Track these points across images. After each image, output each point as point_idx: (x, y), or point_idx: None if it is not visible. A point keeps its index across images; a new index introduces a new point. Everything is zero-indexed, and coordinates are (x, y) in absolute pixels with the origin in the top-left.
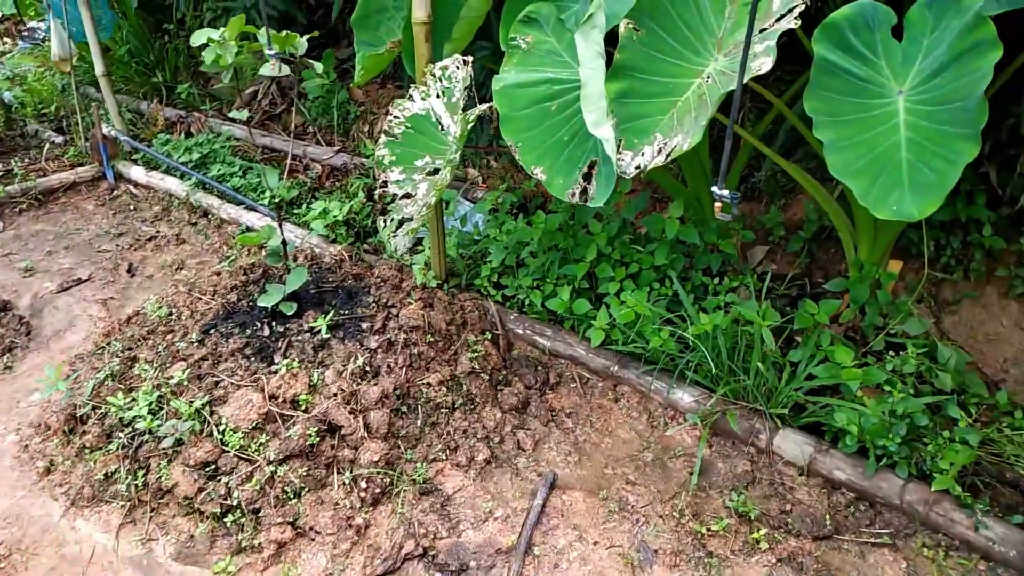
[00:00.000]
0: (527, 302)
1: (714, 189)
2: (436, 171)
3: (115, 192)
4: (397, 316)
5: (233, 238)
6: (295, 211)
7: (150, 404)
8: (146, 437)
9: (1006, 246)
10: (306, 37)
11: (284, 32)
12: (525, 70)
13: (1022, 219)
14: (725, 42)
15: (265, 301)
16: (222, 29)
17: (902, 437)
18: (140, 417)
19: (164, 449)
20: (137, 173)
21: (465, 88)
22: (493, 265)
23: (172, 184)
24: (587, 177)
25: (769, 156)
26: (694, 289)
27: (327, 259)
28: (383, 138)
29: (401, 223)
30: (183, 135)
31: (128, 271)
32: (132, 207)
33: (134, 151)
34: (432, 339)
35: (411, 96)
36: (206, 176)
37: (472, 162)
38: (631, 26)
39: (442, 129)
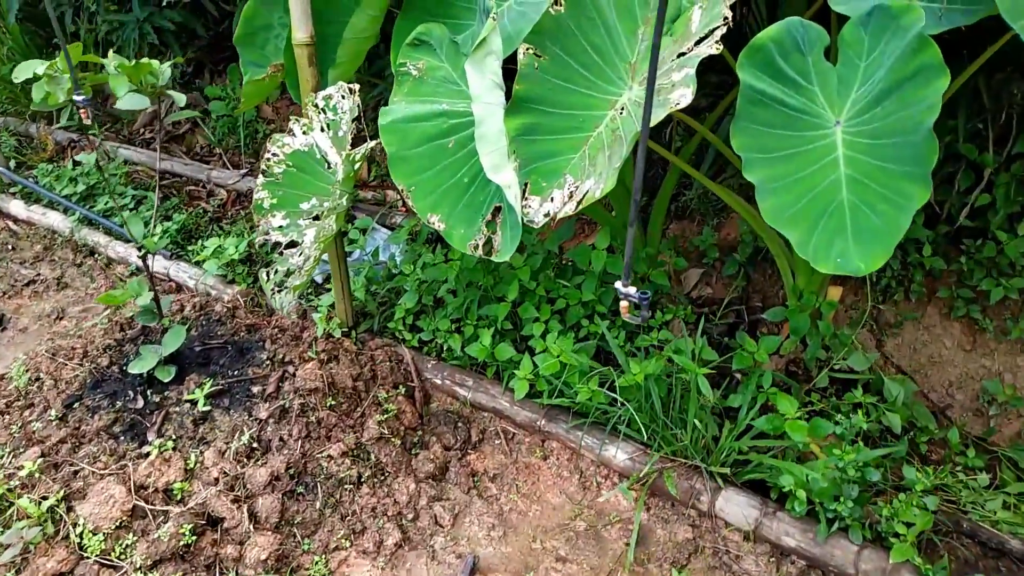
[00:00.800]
0: (446, 347)
1: (618, 286)
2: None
3: None
4: (294, 376)
5: (122, 279)
6: (190, 247)
7: None
8: None
9: (946, 266)
10: (167, 64)
11: (135, 62)
12: (417, 101)
13: (961, 238)
14: (640, 68)
15: (138, 367)
16: (54, 60)
17: (854, 500)
18: None
19: (9, 560)
20: (17, 207)
21: (354, 120)
22: (408, 306)
23: (55, 219)
24: (491, 225)
25: (697, 179)
26: (625, 324)
27: (219, 307)
28: (260, 179)
29: (286, 276)
30: (72, 162)
31: None
32: (11, 247)
33: (13, 183)
34: (335, 401)
35: (291, 130)
36: (91, 211)
37: (391, 183)
38: (532, 51)
39: (329, 167)
